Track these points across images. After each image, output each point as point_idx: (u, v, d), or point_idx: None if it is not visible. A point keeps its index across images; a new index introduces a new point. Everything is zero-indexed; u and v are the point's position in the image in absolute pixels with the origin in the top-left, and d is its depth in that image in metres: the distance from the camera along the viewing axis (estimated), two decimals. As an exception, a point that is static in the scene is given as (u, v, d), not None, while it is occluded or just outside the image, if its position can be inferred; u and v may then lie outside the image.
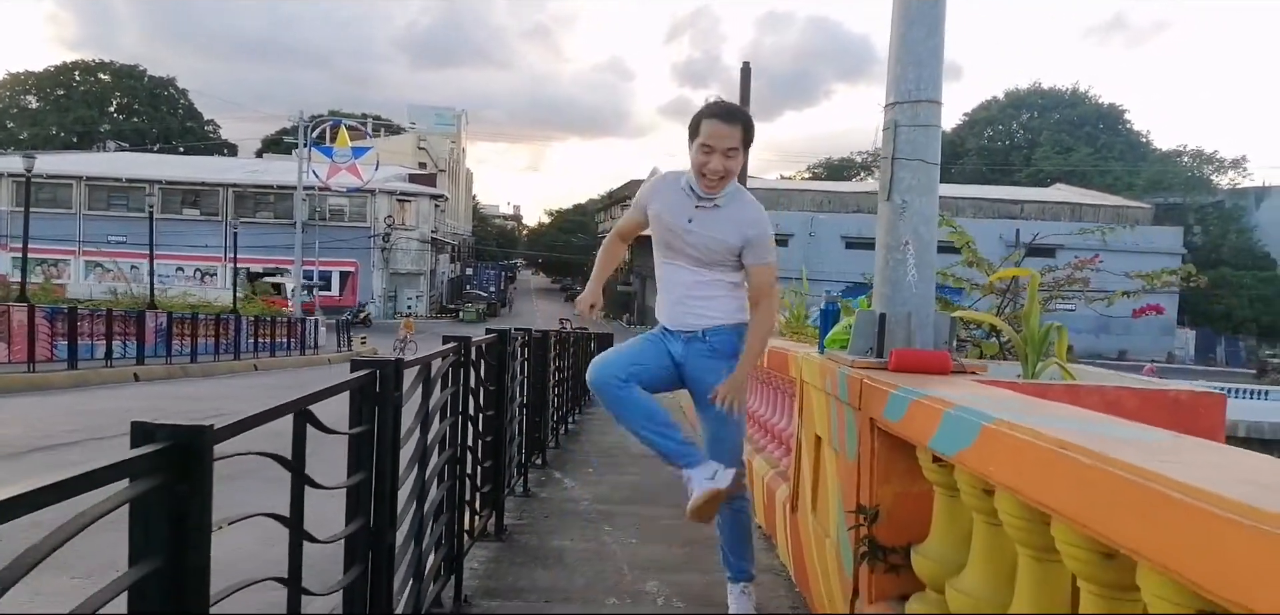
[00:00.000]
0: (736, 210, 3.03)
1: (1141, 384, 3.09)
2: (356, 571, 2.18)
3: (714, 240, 3.01)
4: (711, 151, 2.92)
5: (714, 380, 3.00)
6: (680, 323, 3.10)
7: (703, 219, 3.01)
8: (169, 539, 1.28)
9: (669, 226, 3.05)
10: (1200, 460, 1.42)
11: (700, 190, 2.99)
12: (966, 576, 2.23)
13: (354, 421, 2.20)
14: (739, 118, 3.00)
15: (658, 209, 3.09)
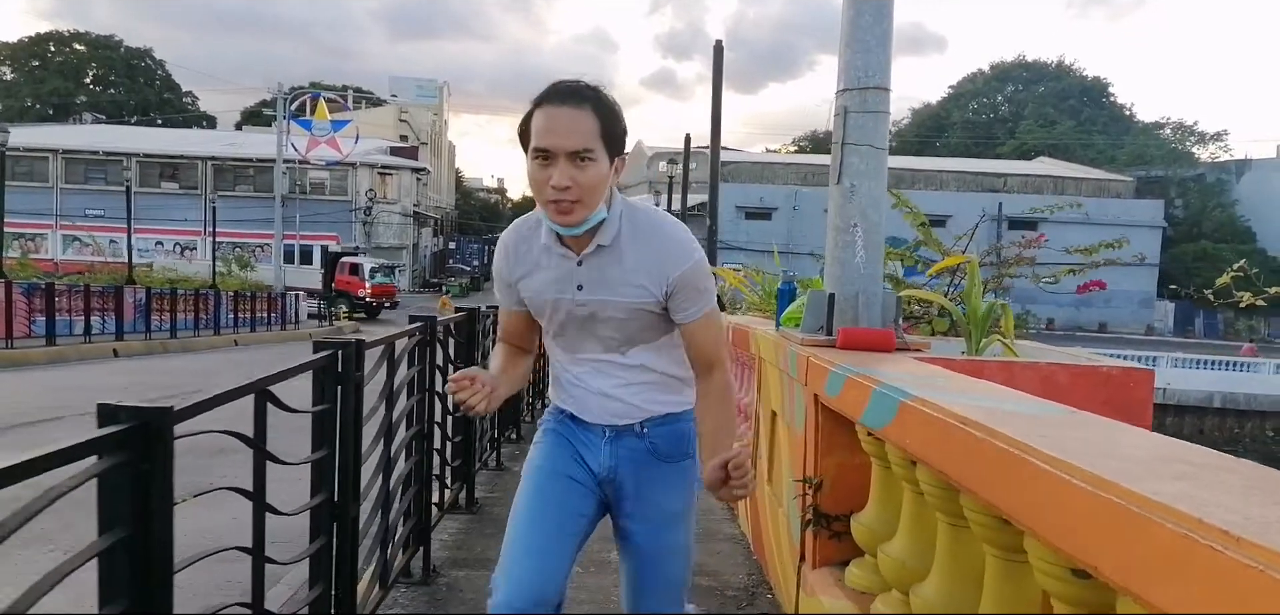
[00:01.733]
0: (643, 245, 1.89)
1: (1073, 360, 3.24)
2: (321, 542, 2.30)
3: (624, 306, 1.90)
4: (550, 159, 1.76)
5: (666, 497, 2.02)
6: (603, 415, 2.01)
7: (596, 277, 1.89)
8: (134, 512, 1.39)
9: (552, 306, 1.95)
10: (1077, 436, 1.57)
11: (558, 226, 1.83)
12: (895, 542, 2.38)
13: (316, 400, 2.32)
14: (586, 97, 1.80)
15: (528, 289, 1.98)
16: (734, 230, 47.40)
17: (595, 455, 2.01)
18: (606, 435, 2.01)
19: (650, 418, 2.01)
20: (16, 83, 76.08)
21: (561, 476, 1.99)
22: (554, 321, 1.98)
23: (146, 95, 78.50)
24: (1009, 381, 2.93)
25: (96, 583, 1.44)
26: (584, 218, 1.80)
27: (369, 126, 53.19)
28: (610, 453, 2.01)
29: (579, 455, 2.02)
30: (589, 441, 2.02)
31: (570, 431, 2.04)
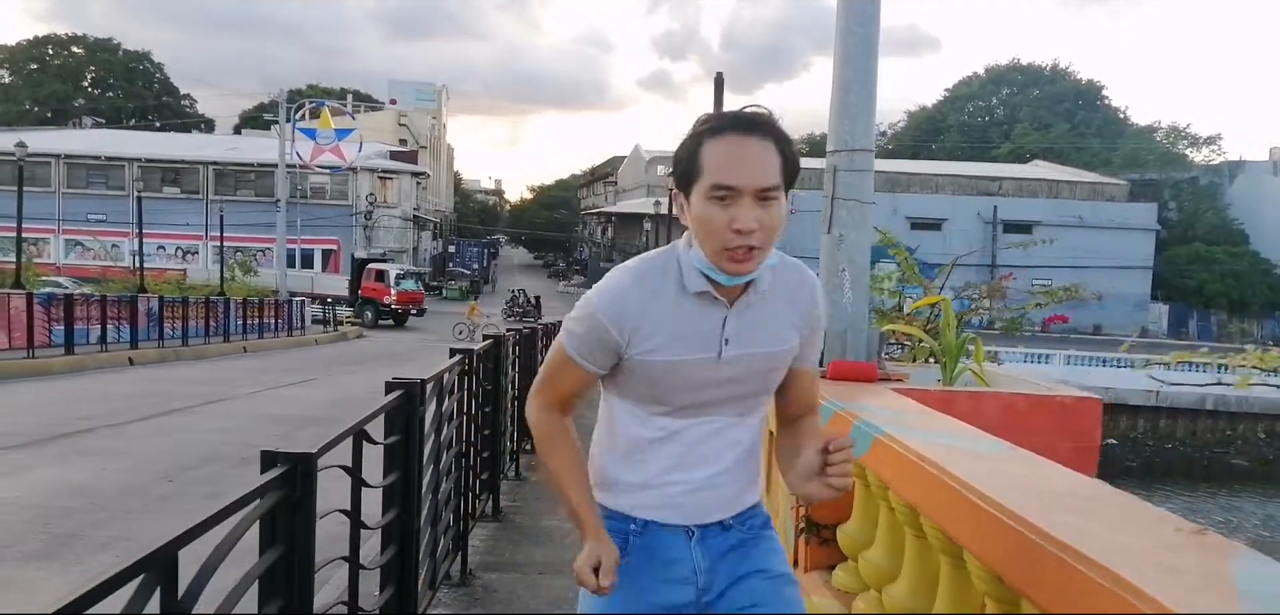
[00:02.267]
0: (785, 287, 1.68)
1: (1034, 389, 3.70)
2: (392, 551, 2.75)
3: (769, 355, 1.66)
4: (737, 198, 1.51)
5: (767, 560, 1.74)
6: (692, 513, 1.69)
7: (743, 329, 1.63)
8: (289, 533, 1.84)
9: (690, 372, 1.62)
10: (1007, 472, 2.02)
11: (724, 275, 1.56)
12: (873, 550, 2.84)
13: (388, 432, 2.76)
14: (770, 129, 1.56)
15: (657, 350, 1.60)
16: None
17: (684, 558, 1.68)
18: (692, 537, 1.68)
19: (738, 513, 1.73)
20: (15, 86, 76.42)
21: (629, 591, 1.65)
22: (679, 392, 1.63)
23: (145, 98, 78.86)
24: (975, 410, 3.40)
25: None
26: (759, 265, 1.57)
27: (368, 130, 53.58)
28: (701, 552, 1.68)
29: (660, 575, 1.68)
30: (671, 553, 1.68)
31: (643, 558, 1.68)
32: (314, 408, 11.22)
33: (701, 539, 1.69)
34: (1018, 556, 1.62)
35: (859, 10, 3.63)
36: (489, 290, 59.72)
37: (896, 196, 52.81)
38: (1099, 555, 1.40)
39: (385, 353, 22.33)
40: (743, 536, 1.72)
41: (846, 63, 3.70)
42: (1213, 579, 1.34)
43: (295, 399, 12.23)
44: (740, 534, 1.72)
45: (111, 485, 6.36)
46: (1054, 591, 1.49)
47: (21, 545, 4.99)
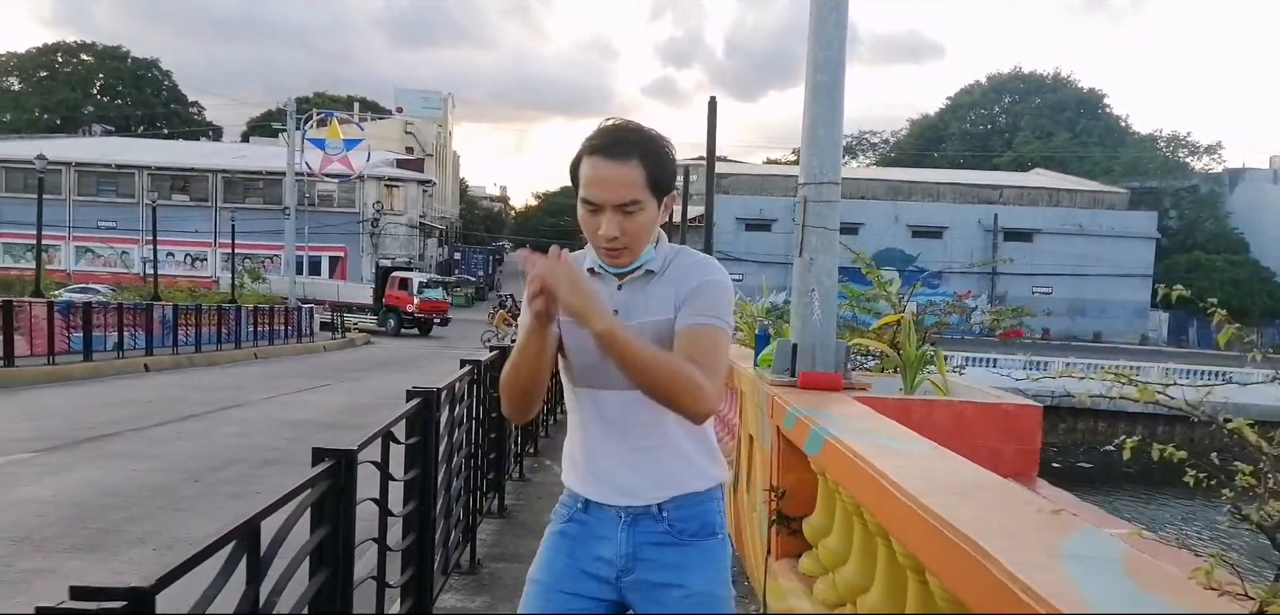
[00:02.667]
0: (678, 272, 1.88)
1: (984, 399, 4.12)
2: (413, 537, 3.19)
3: (651, 325, 1.83)
4: (597, 210, 1.80)
5: (698, 578, 1.87)
6: (620, 489, 1.89)
7: (634, 301, 1.86)
8: (335, 514, 2.27)
9: (585, 337, 1.74)
10: (924, 468, 2.44)
11: (610, 267, 1.87)
12: (831, 538, 3.26)
13: (409, 434, 3.19)
14: (634, 147, 1.80)
15: (565, 319, 1.78)
16: (734, 242, 48.29)
17: (611, 544, 1.88)
18: (623, 519, 1.87)
19: (669, 498, 1.87)
20: (25, 93, 77.19)
21: (558, 594, 1.90)
22: (581, 352, 1.84)
23: (153, 106, 79.59)
24: (928, 418, 3.83)
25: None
26: (631, 261, 1.85)
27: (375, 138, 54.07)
28: (628, 538, 1.87)
29: (585, 555, 1.90)
30: (603, 530, 1.89)
31: (581, 527, 1.92)
32: (326, 413, 11.67)
33: (632, 523, 1.87)
34: (919, 533, 2.04)
35: (825, 57, 4.07)
36: (493, 296, 60.20)
37: (898, 205, 53.25)
38: (965, 526, 1.83)
39: (390, 359, 22.81)
40: (675, 538, 1.87)
41: (816, 103, 4.13)
42: (1046, 544, 1.77)
43: (308, 404, 12.68)
44: (671, 532, 1.87)
45: (141, 485, 6.81)
46: (937, 557, 1.92)
47: (65, 539, 5.43)
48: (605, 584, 1.90)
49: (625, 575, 1.89)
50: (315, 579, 2.23)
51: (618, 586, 1.90)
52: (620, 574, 1.89)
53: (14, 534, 5.43)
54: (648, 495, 1.87)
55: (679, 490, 1.88)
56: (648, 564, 1.87)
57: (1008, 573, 1.56)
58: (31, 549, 5.19)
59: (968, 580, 1.72)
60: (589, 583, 1.90)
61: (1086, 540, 1.80)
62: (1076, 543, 1.78)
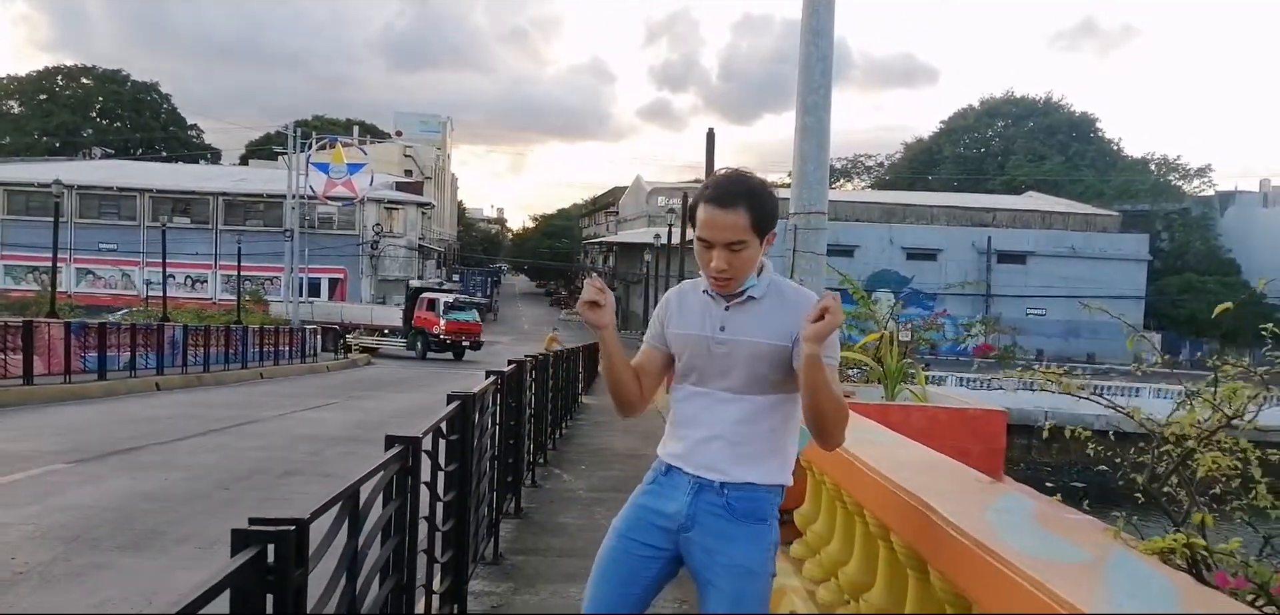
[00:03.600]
0: (783, 302, 2.29)
1: (957, 404, 4.60)
2: (452, 522, 3.65)
3: (756, 344, 2.25)
4: (709, 247, 2.25)
5: (741, 551, 2.25)
6: (697, 463, 2.30)
7: (737, 321, 2.29)
8: (402, 491, 2.74)
9: (695, 342, 2.33)
10: (892, 453, 2.92)
11: (718, 293, 2.31)
12: (818, 524, 3.73)
13: (451, 432, 3.66)
14: (740, 198, 2.23)
15: (679, 327, 2.38)
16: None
17: (676, 501, 2.29)
18: (687, 484, 2.29)
19: (733, 482, 2.25)
20: (25, 116, 77.71)
21: (628, 540, 2.35)
22: (690, 354, 2.33)
23: (152, 128, 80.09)
24: (905, 421, 4.30)
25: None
26: (736, 288, 2.27)
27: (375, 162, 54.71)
28: (690, 503, 2.27)
29: (655, 511, 2.33)
30: (675, 491, 2.31)
31: (659, 488, 2.36)
32: (338, 429, 12.12)
33: (698, 491, 2.28)
34: (885, 502, 2.52)
35: (813, 101, 4.57)
36: (491, 319, 60.64)
37: (893, 227, 53.91)
38: (917, 490, 2.31)
39: (392, 379, 23.27)
40: (729, 514, 2.25)
41: (805, 141, 4.63)
42: (977, 503, 2.24)
43: (319, 421, 13.12)
44: (727, 508, 2.25)
45: (176, 492, 7.25)
46: (896, 517, 2.39)
47: (114, 539, 5.86)
48: (667, 534, 2.31)
49: (683, 532, 2.28)
50: (387, 544, 2.70)
51: (675, 539, 2.30)
52: (680, 530, 2.29)
53: (66, 534, 5.87)
54: (717, 474, 2.27)
55: (744, 479, 2.27)
56: (702, 528, 2.26)
57: (944, 519, 2.04)
58: (85, 547, 5.63)
59: (918, 531, 2.20)
60: (653, 532, 2.32)
61: (1010, 501, 2.28)
62: (1001, 503, 2.26)
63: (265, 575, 1.71)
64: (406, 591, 2.77)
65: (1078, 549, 1.82)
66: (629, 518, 2.38)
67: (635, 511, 2.38)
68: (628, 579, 2.32)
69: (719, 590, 2.22)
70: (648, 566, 2.32)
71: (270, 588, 1.72)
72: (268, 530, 1.74)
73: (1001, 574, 1.70)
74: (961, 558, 1.89)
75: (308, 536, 1.83)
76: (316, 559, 1.99)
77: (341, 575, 2.22)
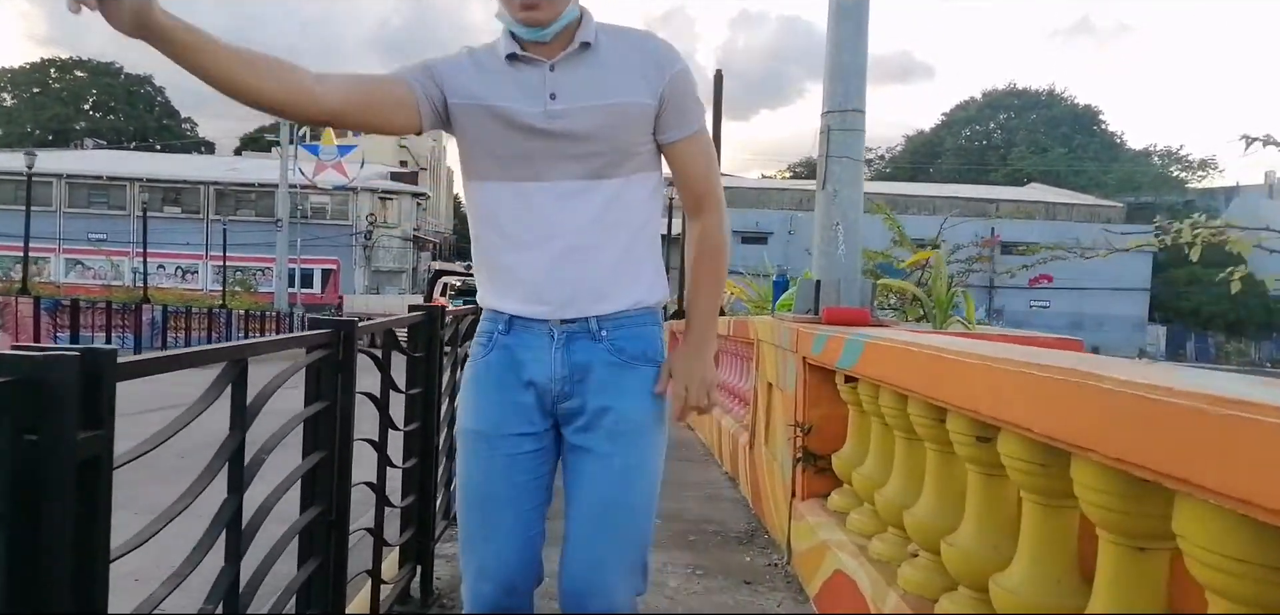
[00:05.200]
0: (627, 46, 1.66)
1: (1016, 333, 3.89)
2: (415, 460, 2.93)
3: (609, 108, 1.60)
4: None
5: (629, 403, 1.66)
6: (553, 299, 1.63)
7: (573, 83, 1.60)
8: (334, 390, 2.02)
9: (511, 119, 1.60)
10: (983, 346, 2.21)
11: (524, 31, 1.59)
12: (866, 465, 3.02)
13: (413, 348, 2.95)
14: None
15: (472, 97, 1.63)
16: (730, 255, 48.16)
17: (542, 366, 1.64)
18: (555, 338, 1.63)
19: (608, 315, 1.64)
20: (17, 108, 76.92)
21: (497, 437, 1.67)
22: (500, 139, 1.60)
23: (146, 121, 79.33)
24: (962, 347, 3.58)
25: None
26: (553, 18, 1.57)
27: (368, 152, 53.98)
28: (563, 360, 1.63)
29: (515, 387, 1.66)
30: (533, 351, 1.64)
31: (508, 350, 1.66)
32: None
33: (567, 342, 1.63)
34: (994, 390, 1.81)
35: (852, -26, 3.86)
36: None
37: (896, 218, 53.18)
38: (1057, 366, 1.60)
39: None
40: (613, 354, 1.64)
41: (839, 24, 3.92)
42: (1168, 374, 1.54)
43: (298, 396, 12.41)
44: (612, 348, 1.64)
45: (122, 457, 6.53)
46: (1028, 408, 1.68)
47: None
48: (541, 413, 1.67)
49: (561, 402, 1.66)
50: (309, 458, 1.99)
51: (553, 413, 1.67)
52: (555, 401, 1.66)
53: None
54: (584, 303, 1.63)
55: (617, 306, 1.64)
56: (581, 385, 1.64)
57: (1127, 382, 1.33)
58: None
59: (1075, 413, 1.48)
60: (526, 415, 1.66)
61: (1182, 371, 1.57)
62: (1194, 373, 1.55)
63: (21, 432, 1.02)
64: (336, 528, 2.06)
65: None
66: (483, 401, 1.68)
67: (489, 389, 1.68)
68: (513, 491, 1.66)
69: (608, 457, 1.63)
70: (534, 464, 1.68)
71: (32, 451, 1.02)
72: (34, 355, 1.04)
73: (1271, 431, 1.00)
74: (1176, 426, 1.18)
75: (109, 381, 1.14)
76: (155, 443, 1.33)
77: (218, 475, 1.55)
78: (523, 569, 1.68)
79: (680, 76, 1.65)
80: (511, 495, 1.66)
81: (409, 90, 1.60)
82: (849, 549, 2.89)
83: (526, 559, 1.69)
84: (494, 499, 1.66)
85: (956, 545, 2.16)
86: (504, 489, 1.66)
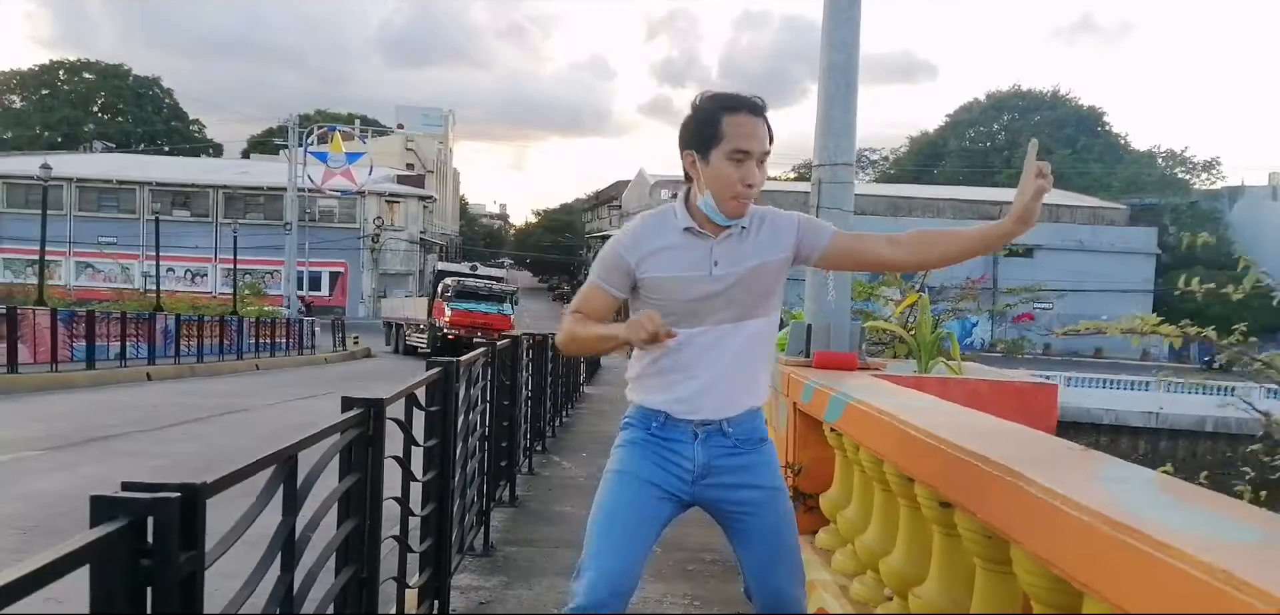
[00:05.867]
0: (761, 225, 2.20)
1: (999, 377, 4.12)
2: (433, 506, 3.18)
3: (756, 268, 2.15)
4: (747, 158, 2.08)
5: (762, 474, 2.21)
6: (702, 409, 2.15)
7: (729, 254, 2.14)
8: (365, 463, 2.27)
9: (686, 285, 2.13)
10: (947, 419, 2.45)
11: (722, 217, 2.12)
12: (850, 509, 3.26)
13: (430, 402, 3.19)
14: (765, 110, 2.20)
15: (660, 270, 2.15)
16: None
17: (686, 453, 2.16)
18: (697, 436, 2.16)
19: (733, 416, 2.17)
20: (26, 111, 77.32)
21: (641, 482, 2.15)
22: (681, 299, 2.12)
23: (154, 123, 79.69)
24: (943, 392, 3.82)
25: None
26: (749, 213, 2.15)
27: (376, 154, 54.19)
28: (703, 451, 2.15)
29: (664, 460, 2.16)
30: (678, 443, 2.16)
31: (657, 437, 2.18)
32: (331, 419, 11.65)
33: (705, 439, 2.17)
34: (951, 472, 2.05)
35: (841, 36, 4.09)
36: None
37: (898, 220, 53.31)
38: (1001, 458, 1.84)
39: (395, 371, 22.76)
40: (739, 447, 2.19)
41: (830, 82, 4.15)
42: (1083, 471, 1.78)
43: (311, 410, 12.66)
44: (736, 443, 2.18)
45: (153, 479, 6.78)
46: (972, 492, 1.92)
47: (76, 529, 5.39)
48: (681, 481, 2.18)
49: (700, 480, 2.18)
50: (344, 527, 2.23)
51: (691, 487, 2.18)
52: (696, 478, 2.18)
53: (23, 524, 5.42)
54: (723, 410, 2.17)
55: (744, 406, 2.21)
56: (719, 469, 2.17)
57: (1047, 490, 1.57)
58: (42, 537, 5.17)
59: (1007, 506, 1.72)
60: (668, 478, 2.17)
61: (1122, 468, 1.81)
62: (1112, 470, 1.79)
63: (138, 556, 1.26)
64: (367, 585, 2.30)
65: (1242, 526, 1.35)
66: (637, 458, 2.19)
67: (643, 455, 2.19)
68: (643, 521, 2.15)
69: (761, 519, 2.18)
70: (662, 507, 2.19)
71: (147, 575, 1.27)
72: (143, 497, 1.29)
73: (1146, 559, 1.24)
74: (1077, 538, 1.42)
75: (201, 509, 1.38)
76: (231, 540, 1.56)
77: (274, 559, 1.78)
78: (629, 577, 2.10)
79: (800, 218, 2.29)
80: (636, 517, 2.15)
81: (616, 300, 2.27)
82: (832, 589, 3.13)
83: (633, 570, 2.11)
84: (621, 515, 2.15)
85: (922, 596, 2.41)
86: (632, 511, 2.16)
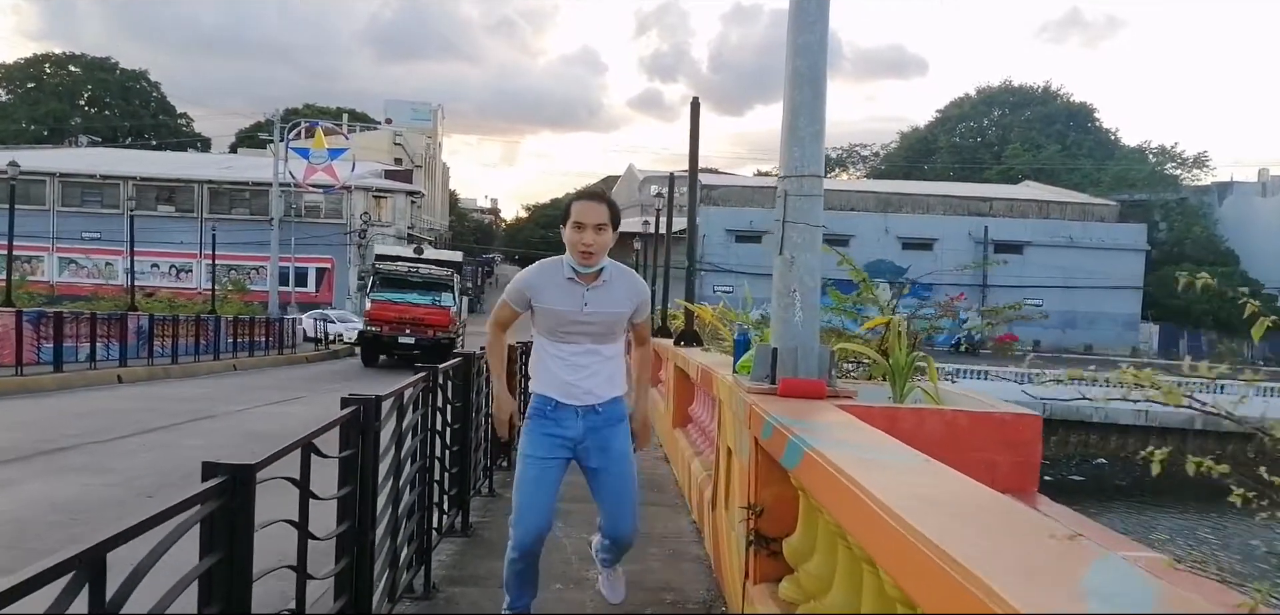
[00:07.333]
0: (623, 283, 3.43)
1: (979, 407, 3.81)
2: (345, 562, 2.85)
3: (610, 314, 3.37)
4: (582, 227, 3.27)
5: (621, 443, 3.44)
6: (577, 396, 3.35)
7: (597, 298, 3.33)
8: (228, 541, 1.94)
9: (560, 314, 3.33)
10: (913, 482, 2.13)
11: (581, 267, 3.31)
12: (813, 561, 2.94)
13: (343, 447, 2.86)
14: (604, 198, 3.44)
15: (547, 302, 3.35)
16: (725, 253, 48.15)
17: (572, 426, 3.38)
18: (579, 414, 3.38)
19: (603, 401, 3.41)
20: (12, 104, 76.41)
21: (547, 460, 3.39)
22: (561, 324, 3.35)
23: (141, 117, 78.89)
24: (918, 427, 3.52)
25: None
26: (596, 264, 3.34)
27: (363, 149, 53.79)
28: (583, 425, 3.39)
29: (557, 435, 3.38)
30: (565, 419, 3.38)
31: (552, 418, 3.39)
32: (299, 424, 11.15)
33: (584, 415, 3.40)
34: (910, 563, 1.72)
35: (805, 41, 3.77)
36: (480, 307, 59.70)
37: (888, 217, 53.11)
38: (967, 558, 1.51)
39: (375, 370, 22.37)
40: (606, 422, 3.44)
41: (796, 90, 3.82)
42: (1064, 578, 1.46)
43: (280, 415, 12.30)
44: (605, 419, 3.43)
45: (93, 500, 6.44)
46: (933, 594, 1.60)
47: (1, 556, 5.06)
48: (566, 447, 3.42)
49: (579, 444, 3.43)
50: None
51: (573, 449, 3.43)
52: (577, 442, 3.42)
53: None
54: (593, 398, 3.41)
55: (608, 395, 3.46)
56: (593, 437, 3.43)
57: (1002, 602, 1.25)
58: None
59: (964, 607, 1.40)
60: (558, 448, 3.42)
61: (1111, 574, 1.49)
62: (1099, 577, 1.47)
63: None
64: None
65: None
66: (538, 444, 3.41)
67: (542, 439, 3.42)
68: (550, 486, 3.41)
69: (611, 472, 3.46)
70: (558, 471, 3.44)
71: None
72: None
73: None
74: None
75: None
76: None
77: None
78: (545, 522, 3.42)
79: (643, 300, 3.57)
80: (547, 482, 3.43)
81: (519, 314, 3.58)
82: (792, 654, 2.81)
83: (547, 516, 3.43)
84: (538, 484, 3.41)
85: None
86: (545, 480, 3.43)
